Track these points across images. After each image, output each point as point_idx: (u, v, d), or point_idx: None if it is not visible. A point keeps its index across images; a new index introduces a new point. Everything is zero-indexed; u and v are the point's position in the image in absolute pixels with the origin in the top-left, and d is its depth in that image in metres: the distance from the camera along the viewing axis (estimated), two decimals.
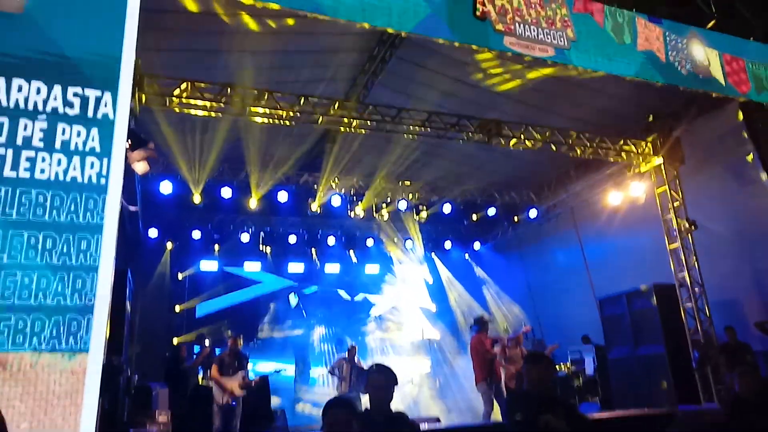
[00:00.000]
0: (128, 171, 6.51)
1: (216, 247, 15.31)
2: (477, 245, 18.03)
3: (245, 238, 15.48)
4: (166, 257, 14.83)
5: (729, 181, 10.87)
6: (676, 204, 11.46)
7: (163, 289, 14.54)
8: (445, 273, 17.90)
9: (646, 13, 8.46)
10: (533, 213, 15.29)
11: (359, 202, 13.92)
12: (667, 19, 8.40)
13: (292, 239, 16.03)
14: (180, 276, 15.17)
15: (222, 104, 9.15)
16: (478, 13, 7.20)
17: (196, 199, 12.05)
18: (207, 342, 12.96)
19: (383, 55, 10.08)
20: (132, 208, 10.09)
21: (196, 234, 14.96)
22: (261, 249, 15.83)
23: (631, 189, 12.40)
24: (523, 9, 7.48)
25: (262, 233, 15.75)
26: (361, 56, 10.36)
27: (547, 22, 7.54)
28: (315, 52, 9.86)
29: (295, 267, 16.59)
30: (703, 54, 8.50)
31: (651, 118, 11.73)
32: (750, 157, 10.50)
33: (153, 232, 14.31)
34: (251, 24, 8.61)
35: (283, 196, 12.97)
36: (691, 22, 9.02)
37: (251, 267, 16.02)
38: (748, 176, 10.56)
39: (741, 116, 10.55)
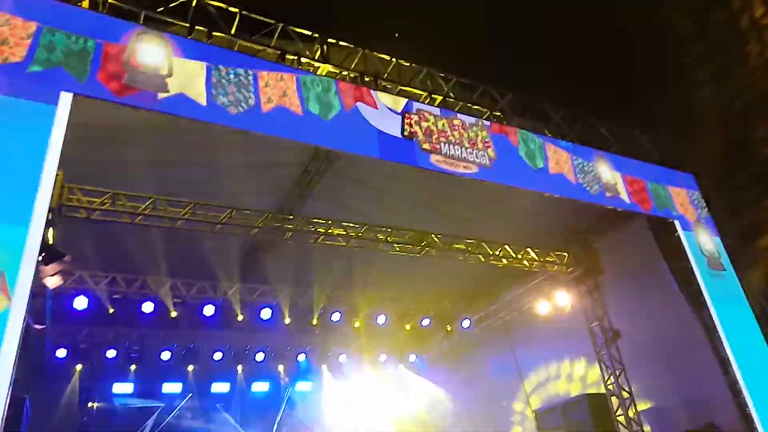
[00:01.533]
0: (39, 286, 6.10)
1: (133, 367, 14.10)
2: (412, 358, 17.67)
3: (166, 356, 14.41)
4: (74, 381, 13.41)
5: (646, 290, 11.46)
6: (599, 313, 11.90)
7: (69, 422, 12.93)
8: (380, 387, 17.22)
9: (556, 137, 9.34)
10: (466, 323, 15.34)
11: (292, 314, 13.48)
12: (575, 143, 9.29)
13: (218, 356, 15.08)
14: (91, 405, 13.62)
15: (148, 214, 8.92)
16: (405, 133, 7.68)
17: (110, 311, 11.30)
18: None
19: (317, 169, 10.34)
20: (38, 327, 9.25)
21: (111, 353, 13.78)
22: (183, 368, 14.73)
23: (557, 299, 12.82)
24: (448, 131, 8.05)
25: (184, 351, 14.73)
26: (295, 170, 10.58)
27: (469, 142, 8.12)
28: (250, 165, 9.98)
29: (220, 387, 15.45)
30: (609, 175, 9.35)
31: (570, 233, 12.45)
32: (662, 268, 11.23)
33: (61, 352, 13.04)
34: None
35: (209, 310, 12.39)
36: (598, 147, 10.03)
37: (171, 388, 14.76)
38: (662, 285, 11.18)
39: (649, 229, 11.42)
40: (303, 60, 7.75)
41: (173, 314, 12.11)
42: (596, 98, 10.78)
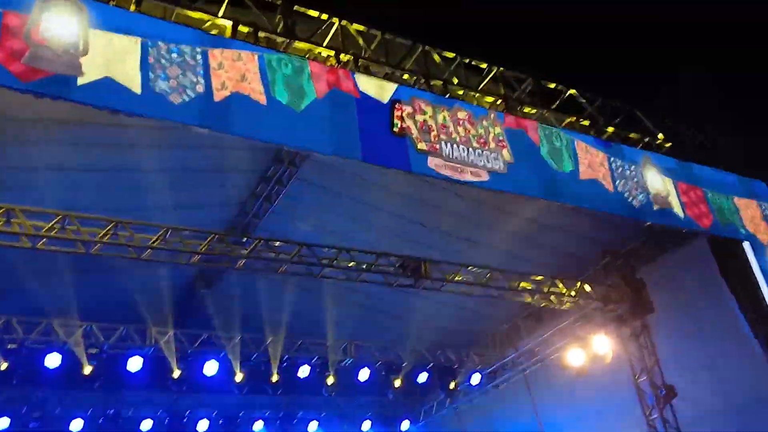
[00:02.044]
0: None
1: None
2: (405, 425, 17.48)
3: (77, 425, 14.08)
4: None
5: (709, 334, 11.52)
6: (648, 364, 11.90)
7: None
8: None
9: (589, 135, 9.41)
10: (476, 378, 15.24)
11: (245, 369, 13.31)
12: (614, 142, 9.35)
13: (147, 425, 14.76)
14: None
15: (54, 237, 8.79)
16: (395, 129, 7.65)
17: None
18: None
19: (280, 175, 10.33)
20: None
21: (3, 422, 13.43)
22: None
23: (594, 345, 12.81)
24: (450, 126, 8.06)
25: (102, 418, 14.41)
26: (251, 177, 10.55)
27: (479, 141, 8.13)
28: (189, 170, 9.94)
29: None
30: (658, 182, 9.41)
31: (608, 258, 12.51)
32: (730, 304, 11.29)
33: None
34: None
35: (135, 363, 12.16)
36: (642, 146, 10.13)
37: None
38: (729, 327, 11.23)
39: (710, 253, 11.49)
40: (261, 34, 7.73)
41: (87, 369, 11.87)
42: (640, 84, 10.95)
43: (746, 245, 10.11)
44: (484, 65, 9.53)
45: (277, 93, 6.94)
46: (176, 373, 12.67)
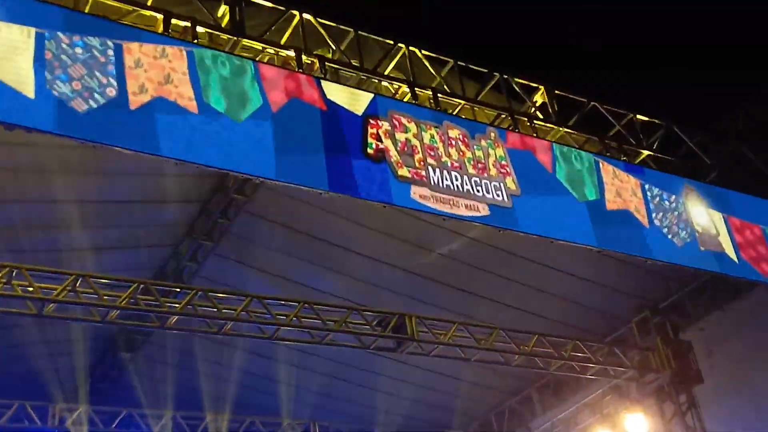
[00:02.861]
0: None
1: None
2: None
3: None
4: None
5: None
6: None
7: None
8: None
9: (619, 160, 9.50)
10: None
11: None
12: (648, 168, 9.45)
13: None
14: None
15: None
16: (370, 151, 7.66)
17: None
18: None
19: (224, 208, 10.30)
20: None
21: None
22: None
23: (628, 425, 12.77)
24: (440, 147, 8.08)
25: None
26: (187, 210, 10.52)
27: (476, 166, 8.17)
28: (108, 201, 9.88)
29: None
30: (705, 217, 9.47)
31: (645, 314, 12.53)
32: None
33: None
34: None
35: None
36: (686, 174, 10.23)
37: None
38: None
39: None
40: (200, 30, 7.75)
41: None
42: (680, 96, 11.10)
43: None
44: (483, 70, 9.63)
45: (211, 99, 6.92)
46: None
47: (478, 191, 7.99)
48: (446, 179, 7.86)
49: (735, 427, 11.90)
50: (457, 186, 7.85)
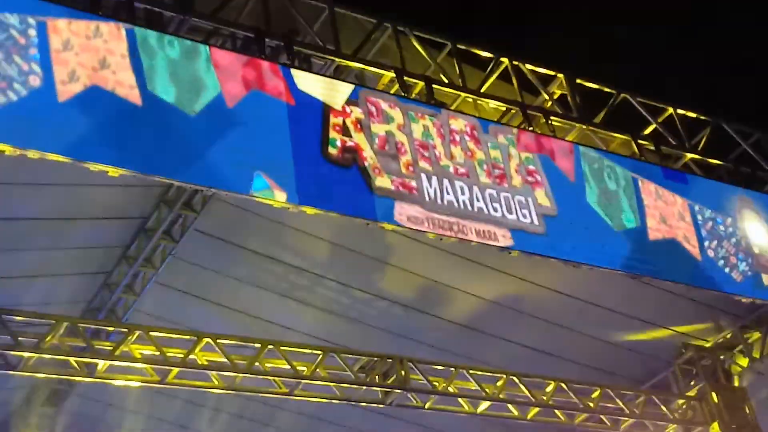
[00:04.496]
0: None
1: None
2: None
3: None
4: None
5: None
6: None
7: None
8: None
9: (660, 167, 9.51)
10: None
11: None
12: (693, 175, 9.48)
13: None
14: None
15: None
16: (332, 151, 7.43)
17: None
18: None
19: (168, 226, 10.27)
20: None
21: None
22: None
23: None
24: (437, 145, 7.95)
25: None
26: (123, 229, 10.51)
27: (491, 172, 7.99)
28: (21, 220, 9.83)
29: None
30: (766, 239, 9.48)
31: (691, 354, 12.52)
32: None
33: None
34: None
35: None
36: (740, 183, 10.25)
37: None
38: None
39: None
40: (139, 5, 7.73)
41: None
42: (731, 87, 11.18)
43: None
44: (489, 56, 9.66)
45: (158, 88, 6.90)
46: None
47: (495, 210, 7.71)
48: (447, 192, 7.61)
49: None
50: (464, 203, 7.59)
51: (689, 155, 10.30)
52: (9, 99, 6.09)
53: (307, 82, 7.77)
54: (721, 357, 12.70)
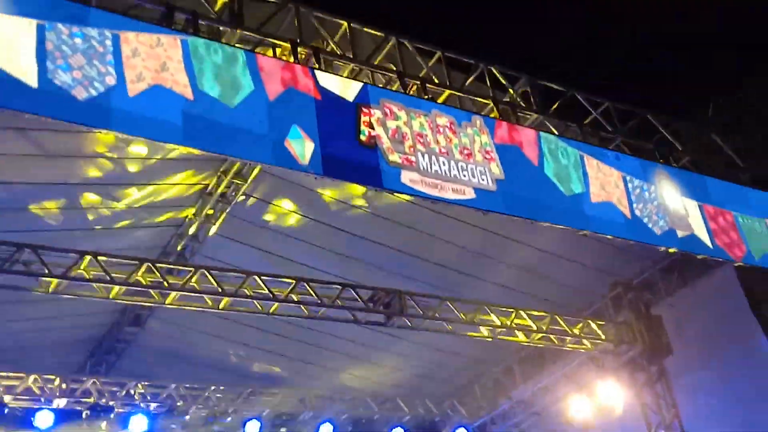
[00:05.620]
0: None
1: None
2: None
3: None
4: None
5: (739, 382, 11.53)
6: (667, 416, 11.95)
7: None
8: None
9: (600, 148, 9.50)
10: None
11: (180, 427, 13.14)
12: (623, 154, 9.48)
13: None
14: None
15: None
16: (363, 138, 7.64)
17: None
18: None
19: (225, 191, 10.28)
20: None
21: None
22: None
23: (602, 393, 12.85)
24: (428, 134, 8.04)
25: None
26: (188, 193, 10.50)
27: (463, 152, 8.15)
28: (105, 185, 9.84)
29: None
30: (679, 204, 9.49)
31: (619, 290, 12.58)
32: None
33: None
34: None
35: (44, 420, 11.91)
36: (660, 159, 10.22)
37: None
38: (762, 371, 11.32)
39: (738, 286, 11.61)
40: (202, 23, 7.67)
41: None
42: (653, 86, 11.11)
43: None
44: (469, 61, 9.57)
45: (205, 86, 6.88)
46: None
47: (464, 176, 7.96)
48: (434, 164, 7.82)
49: (701, 396, 11.97)
50: (444, 171, 7.81)
51: (621, 138, 10.24)
52: (90, 94, 6.09)
53: (328, 80, 7.79)
54: (642, 292, 12.76)
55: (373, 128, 7.66)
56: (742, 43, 11.75)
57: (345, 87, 7.86)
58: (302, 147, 7.20)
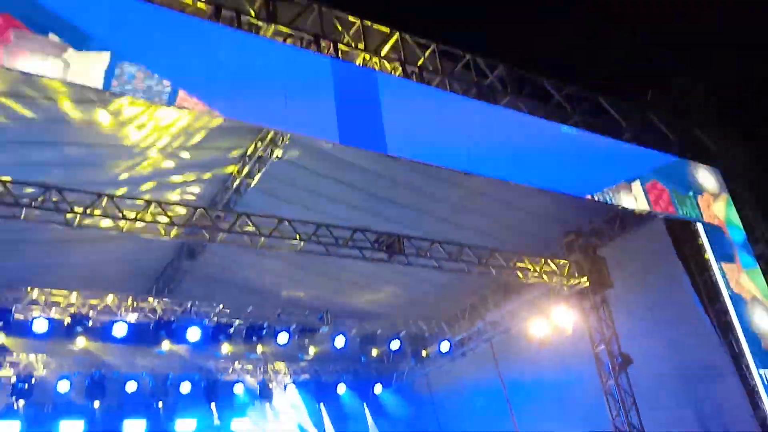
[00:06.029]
0: None
1: (20, 402, 13.67)
2: (378, 388, 17.65)
3: (63, 386, 14.03)
4: None
5: (663, 309, 11.75)
6: (607, 335, 12.12)
7: None
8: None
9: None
10: (445, 346, 15.44)
11: (226, 337, 13.32)
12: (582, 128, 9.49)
13: (131, 386, 14.77)
14: None
15: (42, 208, 8.60)
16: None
17: None
18: None
19: (261, 154, 10.28)
20: None
21: None
22: (86, 402, 14.39)
23: (556, 317, 13.02)
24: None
25: (87, 380, 14.38)
26: (232, 155, 10.50)
27: None
28: (170, 147, 9.83)
29: (134, 426, 15.14)
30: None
31: (571, 236, 12.66)
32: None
33: None
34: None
35: (120, 329, 12.13)
36: (607, 132, 10.22)
37: (70, 428, 14.40)
38: (683, 302, 11.47)
39: (667, 234, 11.68)
40: (244, 18, 7.63)
41: (75, 335, 11.77)
42: (603, 74, 11.00)
43: (700, 229, 10.32)
44: (458, 52, 9.52)
45: None
46: (165, 344, 12.65)
47: None
48: None
49: (634, 319, 12.17)
50: None
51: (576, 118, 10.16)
52: None
53: None
54: (591, 238, 12.78)
55: None
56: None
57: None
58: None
